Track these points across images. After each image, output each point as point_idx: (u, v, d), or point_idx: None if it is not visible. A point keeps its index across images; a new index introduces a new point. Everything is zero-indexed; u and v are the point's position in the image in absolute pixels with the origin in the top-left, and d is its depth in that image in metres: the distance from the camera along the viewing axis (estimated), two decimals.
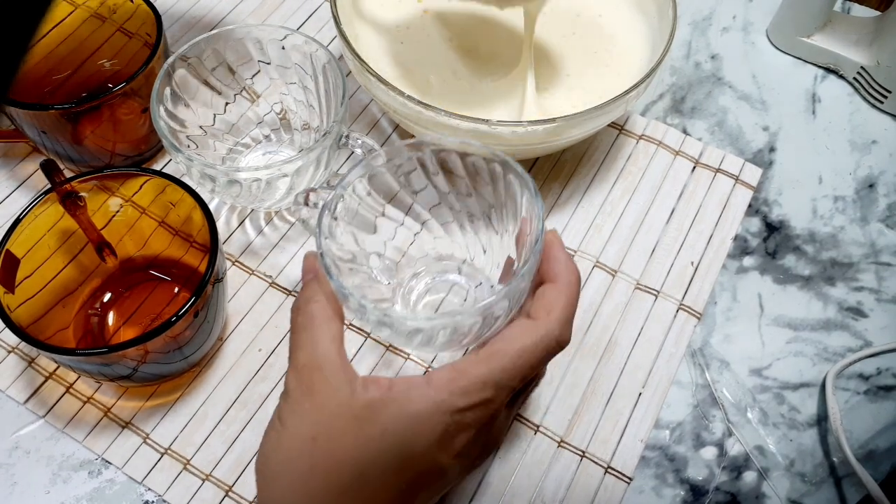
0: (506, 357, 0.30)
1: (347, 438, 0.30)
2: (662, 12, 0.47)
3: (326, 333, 0.32)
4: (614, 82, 0.47)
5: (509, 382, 0.30)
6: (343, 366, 0.32)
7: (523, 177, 0.34)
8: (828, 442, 0.43)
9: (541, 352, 0.31)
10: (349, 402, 0.30)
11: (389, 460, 0.30)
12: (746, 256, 0.48)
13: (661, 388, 0.43)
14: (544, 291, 0.32)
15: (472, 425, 0.30)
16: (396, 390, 0.31)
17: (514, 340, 0.31)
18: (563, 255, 0.33)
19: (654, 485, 0.41)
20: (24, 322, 0.36)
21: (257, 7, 0.57)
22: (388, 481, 0.30)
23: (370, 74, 0.42)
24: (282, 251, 0.47)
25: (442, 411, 0.30)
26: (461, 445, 0.31)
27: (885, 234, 0.50)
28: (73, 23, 0.48)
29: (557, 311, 0.32)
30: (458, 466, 0.32)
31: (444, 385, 0.30)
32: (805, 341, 0.46)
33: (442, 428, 0.30)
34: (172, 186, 0.39)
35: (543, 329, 0.31)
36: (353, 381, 0.31)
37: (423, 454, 0.30)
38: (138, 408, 0.42)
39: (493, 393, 0.30)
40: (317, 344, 0.32)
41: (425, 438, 0.30)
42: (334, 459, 0.30)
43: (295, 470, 0.30)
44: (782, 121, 0.54)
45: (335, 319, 0.33)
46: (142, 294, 0.44)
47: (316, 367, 0.31)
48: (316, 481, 0.30)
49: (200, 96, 0.45)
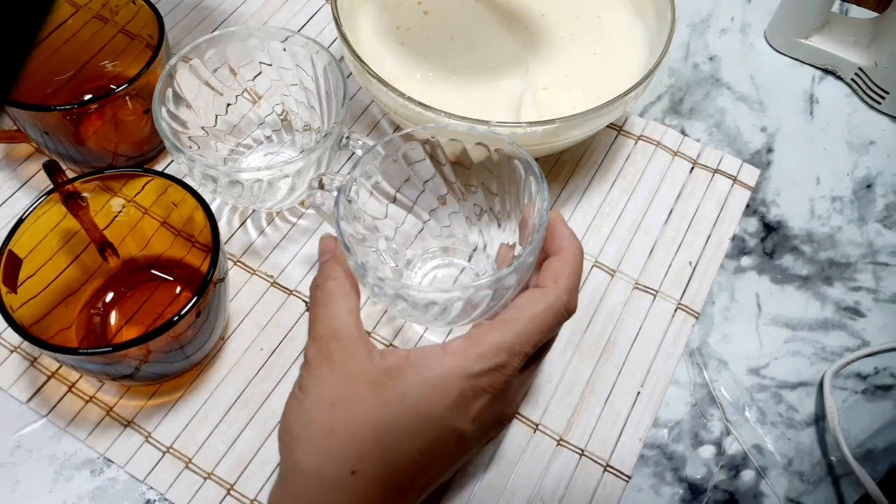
0: (518, 323, 0.32)
1: (366, 403, 0.31)
2: (661, 14, 0.47)
3: (344, 307, 0.33)
4: (613, 83, 0.48)
5: (522, 347, 0.32)
6: (361, 336, 0.33)
7: (527, 160, 0.35)
8: (826, 441, 0.43)
9: (551, 317, 0.33)
10: (368, 368, 0.32)
11: (408, 424, 0.31)
12: (744, 256, 0.49)
13: (660, 388, 0.44)
14: (550, 263, 0.34)
15: (488, 390, 0.32)
16: (414, 357, 0.32)
17: (525, 308, 0.33)
18: (566, 230, 0.35)
19: (652, 483, 0.41)
20: (27, 322, 0.37)
21: (259, 9, 0.58)
22: (405, 445, 0.31)
23: (371, 76, 0.42)
24: (283, 251, 0.47)
25: (458, 376, 0.31)
26: (477, 410, 0.32)
27: (883, 235, 0.50)
28: (76, 24, 0.48)
29: (564, 280, 0.34)
30: (475, 432, 0.33)
31: (460, 351, 0.32)
32: (803, 341, 0.46)
33: (458, 392, 0.31)
34: (174, 187, 0.40)
35: (552, 296, 0.33)
36: (371, 351, 0.32)
37: (440, 418, 0.31)
38: (140, 407, 0.42)
39: (507, 357, 0.32)
40: (335, 316, 0.33)
41: (442, 402, 0.31)
42: (353, 423, 0.31)
43: (315, 434, 0.31)
44: (780, 122, 0.54)
45: (352, 295, 0.34)
46: (144, 294, 0.44)
47: (334, 337, 0.33)
48: (335, 444, 0.31)
49: (202, 97, 0.45)
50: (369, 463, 0.31)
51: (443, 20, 0.51)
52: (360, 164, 0.37)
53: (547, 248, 0.35)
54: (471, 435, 0.33)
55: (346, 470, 0.30)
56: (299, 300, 0.45)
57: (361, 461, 0.31)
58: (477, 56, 0.50)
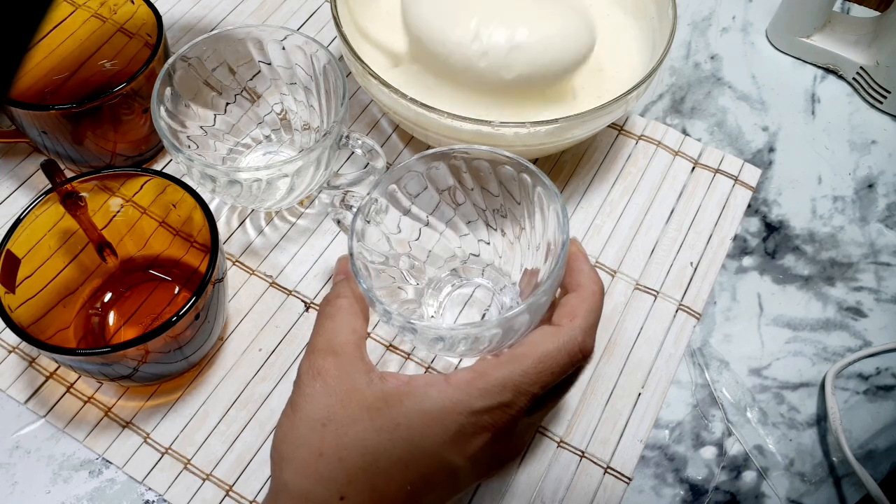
0: (527, 361, 0.30)
1: (358, 426, 0.30)
2: (662, 13, 0.47)
3: (349, 325, 0.33)
4: (614, 83, 0.48)
5: (529, 388, 0.30)
6: (361, 356, 0.32)
7: (550, 189, 0.34)
8: (827, 441, 0.43)
9: (563, 357, 0.31)
10: (364, 390, 0.31)
11: (400, 454, 0.30)
12: (746, 256, 0.49)
13: (661, 388, 0.43)
14: (567, 300, 0.33)
15: (489, 428, 0.30)
16: (414, 385, 0.31)
17: (536, 345, 0.31)
18: (586, 266, 0.33)
19: (653, 484, 0.41)
20: (25, 322, 0.36)
21: (258, 7, 0.58)
22: (395, 475, 0.30)
23: (370, 75, 0.42)
24: (282, 251, 0.47)
25: (458, 411, 0.30)
26: (475, 448, 0.30)
27: (885, 234, 0.50)
28: (74, 23, 0.48)
29: (580, 319, 0.32)
30: (471, 470, 0.31)
31: (463, 385, 0.30)
32: (804, 341, 0.46)
33: (456, 428, 0.30)
34: (173, 186, 0.39)
35: (566, 335, 0.31)
36: (369, 372, 0.31)
37: (435, 452, 0.30)
38: (139, 407, 0.42)
39: (512, 397, 0.30)
40: (338, 332, 0.32)
41: (438, 436, 0.30)
42: (343, 447, 0.30)
43: (304, 455, 0.30)
44: (782, 121, 0.54)
45: (360, 316, 0.34)
46: (142, 294, 0.44)
47: (332, 352, 0.32)
48: (324, 467, 0.30)
49: (201, 97, 0.45)
50: (357, 490, 0.30)
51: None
52: (381, 183, 0.36)
53: (566, 283, 0.33)
54: (466, 472, 0.31)
55: (334, 495, 0.30)
56: (298, 300, 0.45)
57: (349, 487, 0.30)
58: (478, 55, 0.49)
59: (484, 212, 0.41)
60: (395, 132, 0.52)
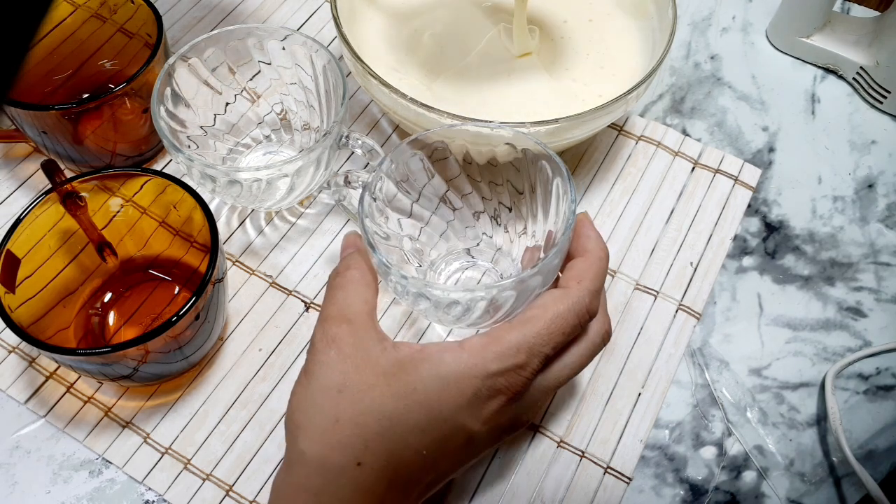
0: (539, 322, 0.31)
1: (374, 392, 0.30)
2: (662, 13, 0.47)
3: (360, 295, 0.33)
4: (614, 83, 0.48)
5: (542, 348, 0.31)
6: (373, 324, 0.32)
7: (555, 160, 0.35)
8: (827, 442, 0.43)
9: (573, 318, 0.32)
10: (378, 356, 0.31)
11: (416, 419, 0.30)
12: (746, 256, 0.48)
13: (661, 388, 0.43)
14: (574, 264, 0.34)
15: (504, 391, 0.31)
16: (429, 351, 0.31)
17: (547, 307, 0.31)
18: (593, 232, 0.34)
19: (653, 484, 0.41)
20: (25, 322, 0.36)
21: (258, 7, 0.58)
22: (412, 440, 0.30)
23: (370, 75, 0.42)
24: (282, 251, 0.47)
25: (473, 374, 0.30)
26: (491, 412, 0.31)
27: (885, 234, 0.50)
28: (74, 23, 0.48)
29: (587, 282, 0.32)
30: (486, 434, 0.31)
31: (478, 349, 0.31)
32: (804, 341, 0.46)
33: (472, 392, 0.30)
34: (173, 186, 0.39)
35: (575, 296, 0.32)
36: (383, 340, 0.32)
37: (451, 416, 0.30)
38: (139, 407, 0.42)
39: (526, 357, 0.31)
40: (349, 301, 0.32)
41: (454, 401, 0.30)
42: (359, 413, 0.30)
43: (320, 422, 0.30)
44: (782, 121, 0.54)
45: (371, 287, 0.34)
46: (142, 294, 0.44)
47: (345, 320, 0.32)
48: (340, 434, 0.30)
49: (201, 96, 0.45)
50: (374, 455, 0.30)
51: (443, 20, 0.51)
52: (386, 161, 0.36)
53: (572, 250, 0.34)
54: (482, 436, 0.31)
55: (351, 461, 0.30)
56: (298, 300, 0.45)
57: (366, 453, 0.30)
58: (477, 56, 0.49)
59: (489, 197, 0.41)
60: (395, 132, 0.52)
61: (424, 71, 0.48)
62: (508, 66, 0.49)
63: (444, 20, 0.51)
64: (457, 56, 0.49)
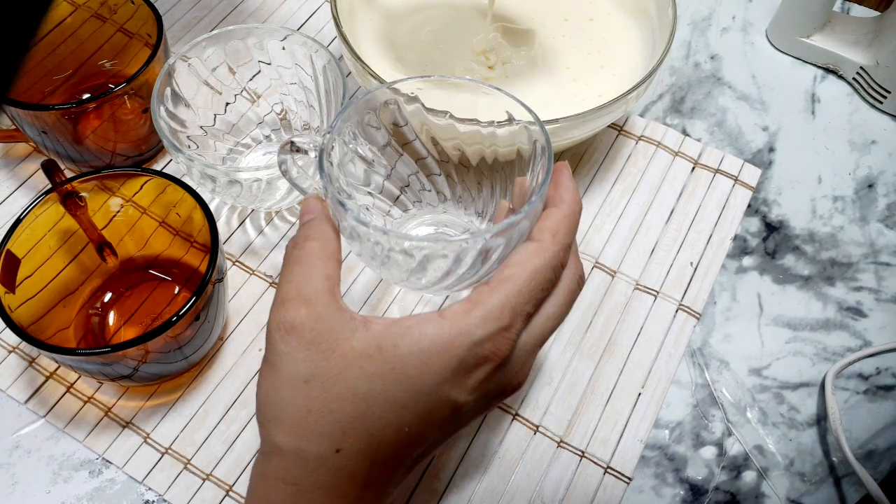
0: (519, 280, 0.29)
1: (347, 375, 0.29)
2: (662, 12, 0.47)
3: (321, 270, 0.30)
4: (614, 83, 0.48)
5: (524, 307, 0.30)
6: (337, 303, 0.30)
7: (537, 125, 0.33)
8: (827, 441, 0.43)
9: (550, 272, 0.30)
10: (349, 339, 0.29)
11: (395, 395, 0.28)
12: (746, 256, 0.48)
13: (661, 388, 0.43)
14: (549, 214, 0.32)
15: (491, 357, 0.29)
16: (406, 325, 0.29)
17: (524, 263, 0.30)
18: (571, 183, 0.33)
19: (653, 484, 0.41)
20: (25, 322, 0.36)
21: (258, 7, 0.58)
22: (392, 418, 0.29)
23: (370, 75, 0.42)
24: (282, 251, 0.47)
25: (457, 344, 0.28)
26: (478, 380, 0.29)
27: (885, 234, 0.50)
28: (74, 23, 0.48)
29: (561, 235, 0.31)
30: (473, 404, 0.30)
31: (460, 316, 0.29)
32: (804, 341, 0.46)
33: (456, 362, 0.29)
34: (173, 186, 0.39)
35: (550, 250, 0.30)
36: (351, 320, 0.29)
37: (435, 390, 0.29)
38: (139, 407, 0.42)
39: (510, 318, 0.29)
40: (309, 278, 0.30)
41: (437, 374, 0.28)
42: (332, 399, 0.28)
43: (291, 414, 0.29)
44: (782, 121, 0.54)
45: (333, 259, 0.31)
46: (142, 294, 0.44)
47: (303, 302, 0.29)
48: (314, 424, 0.29)
49: (201, 96, 0.45)
50: (354, 439, 0.28)
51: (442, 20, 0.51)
52: (339, 120, 0.33)
53: (549, 197, 0.32)
54: (469, 406, 0.30)
55: (329, 449, 0.28)
56: None
57: (345, 438, 0.28)
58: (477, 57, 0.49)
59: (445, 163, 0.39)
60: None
61: (425, 70, 0.48)
62: (508, 64, 0.49)
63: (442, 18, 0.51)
64: (456, 54, 0.49)
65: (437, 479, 0.40)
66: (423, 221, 0.42)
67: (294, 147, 0.34)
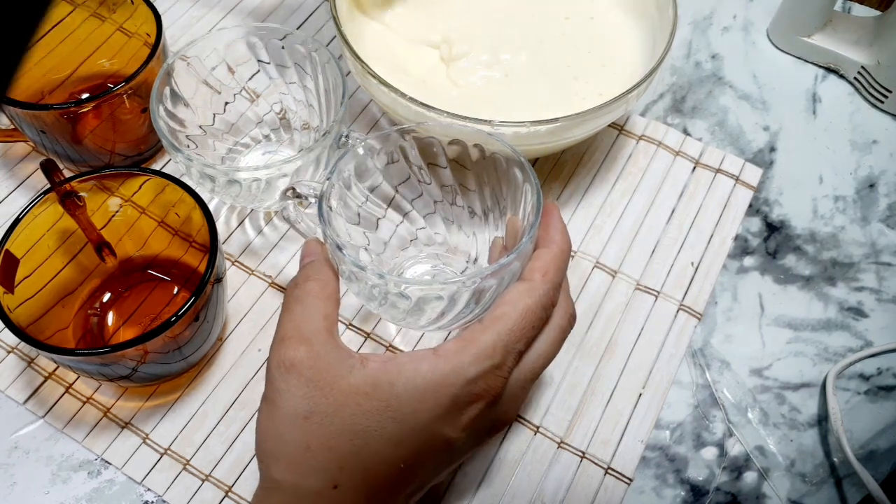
0: (510, 319, 0.30)
1: (344, 412, 0.29)
2: (663, 12, 0.47)
3: (320, 310, 0.31)
4: (615, 82, 0.47)
5: (516, 345, 0.30)
6: (335, 341, 0.31)
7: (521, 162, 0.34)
8: (828, 442, 0.43)
9: (540, 311, 0.31)
10: (346, 377, 0.30)
11: (391, 432, 0.29)
12: (747, 256, 0.48)
13: (662, 389, 0.43)
14: (539, 254, 0.33)
15: (483, 396, 0.30)
16: (401, 363, 0.30)
17: (515, 303, 0.31)
18: (560, 223, 0.34)
19: (654, 485, 0.41)
20: (24, 322, 0.36)
21: (257, 7, 0.57)
22: (387, 455, 0.29)
23: (370, 75, 0.42)
24: (281, 251, 0.47)
25: (450, 382, 0.29)
26: (470, 418, 0.30)
27: (886, 234, 0.50)
28: (73, 22, 0.48)
29: (551, 274, 0.32)
30: (465, 440, 0.31)
31: (453, 354, 0.30)
32: (806, 341, 0.46)
33: (449, 401, 0.29)
34: (172, 186, 0.39)
35: (540, 289, 0.31)
36: (349, 358, 0.30)
37: (428, 427, 0.29)
38: (138, 408, 0.42)
39: (502, 357, 0.30)
40: (308, 318, 0.31)
41: (431, 411, 0.29)
42: (330, 435, 0.29)
43: (290, 451, 0.30)
44: (783, 120, 0.54)
45: (332, 300, 0.32)
46: (141, 294, 0.44)
47: (302, 341, 0.31)
48: (312, 460, 0.29)
49: (200, 96, 0.44)
50: (350, 475, 0.29)
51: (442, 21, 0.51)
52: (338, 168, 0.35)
53: (539, 238, 0.34)
54: (461, 443, 0.31)
55: (327, 485, 0.29)
56: None
57: (341, 474, 0.29)
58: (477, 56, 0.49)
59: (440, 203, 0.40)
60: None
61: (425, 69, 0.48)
62: (508, 63, 0.49)
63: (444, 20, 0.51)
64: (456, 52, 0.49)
65: None
66: (420, 260, 0.43)
67: (295, 193, 0.36)
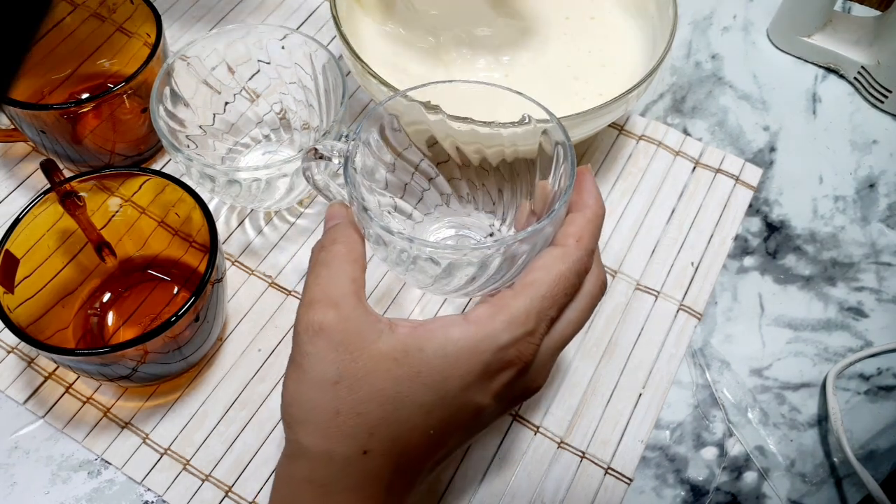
0: (543, 285, 0.30)
1: (374, 378, 0.29)
2: (663, 12, 0.47)
3: (347, 274, 0.31)
4: (615, 82, 0.47)
5: (548, 311, 0.30)
6: (363, 306, 0.30)
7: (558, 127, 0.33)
8: (828, 442, 0.43)
9: (574, 277, 0.30)
10: (375, 342, 0.29)
11: (422, 400, 0.29)
12: (747, 256, 0.48)
13: (662, 389, 0.43)
14: (573, 219, 0.32)
15: (514, 362, 0.29)
16: (432, 328, 0.29)
17: (549, 268, 0.30)
18: (594, 187, 0.33)
19: (654, 485, 0.41)
20: (24, 322, 0.36)
21: (257, 6, 0.57)
22: (418, 422, 0.29)
23: (370, 74, 0.42)
24: (281, 251, 0.47)
25: (482, 349, 0.29)
26: (501, 385, 0.30)
27: (886, 234, 0.50)
28: (73, 22, 0.48)
29: (585, 240, 0.31)
30: (496, 406, 0.30)
31: (485, 320, 0.29)
32: (805, 341, 0.46)
33: (481, 367, 0.29)
34: (172, 186, 0.39)
35: (574, 255, 0.30)
36: (377, 322, 0.30)
37: (459, 394, 0.29)
38: (138, 408, 0.42)
39: (535, 323, 0.29)
40: (336, 281, 0.30)
41: (462, 378, 0.29)
42: (360, 402, 0.29)
43: (319, 416, 0.29)
44: (783, 120, 0.54)
45: (359, 263, 0.31)
46: (141, 294, 0.44)
47: (331, 304, 0.30)
48: (342, 425, 0.29)
49: (200, 96, 0.44)
50: (380, 442, 0.29)
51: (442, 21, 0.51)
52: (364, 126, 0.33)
53: (572, 203, 0.32)
54: (491, 409, 0.30)
55: (356, 451, 0.29)
56: (298, 300, 0.45)
57: (371, 440, 0.29)
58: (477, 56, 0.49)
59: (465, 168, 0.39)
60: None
61: (424, 69, 0.48)
62: (509, 62, 0.49)
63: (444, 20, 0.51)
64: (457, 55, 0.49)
65: (438, 480, 0.40)
66: (444, 224, 0.42)
67: (318, 154, 0.34)
